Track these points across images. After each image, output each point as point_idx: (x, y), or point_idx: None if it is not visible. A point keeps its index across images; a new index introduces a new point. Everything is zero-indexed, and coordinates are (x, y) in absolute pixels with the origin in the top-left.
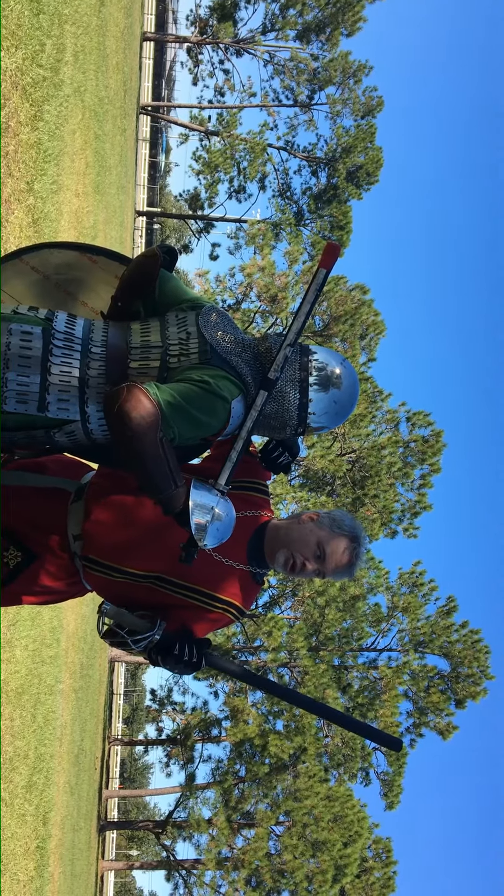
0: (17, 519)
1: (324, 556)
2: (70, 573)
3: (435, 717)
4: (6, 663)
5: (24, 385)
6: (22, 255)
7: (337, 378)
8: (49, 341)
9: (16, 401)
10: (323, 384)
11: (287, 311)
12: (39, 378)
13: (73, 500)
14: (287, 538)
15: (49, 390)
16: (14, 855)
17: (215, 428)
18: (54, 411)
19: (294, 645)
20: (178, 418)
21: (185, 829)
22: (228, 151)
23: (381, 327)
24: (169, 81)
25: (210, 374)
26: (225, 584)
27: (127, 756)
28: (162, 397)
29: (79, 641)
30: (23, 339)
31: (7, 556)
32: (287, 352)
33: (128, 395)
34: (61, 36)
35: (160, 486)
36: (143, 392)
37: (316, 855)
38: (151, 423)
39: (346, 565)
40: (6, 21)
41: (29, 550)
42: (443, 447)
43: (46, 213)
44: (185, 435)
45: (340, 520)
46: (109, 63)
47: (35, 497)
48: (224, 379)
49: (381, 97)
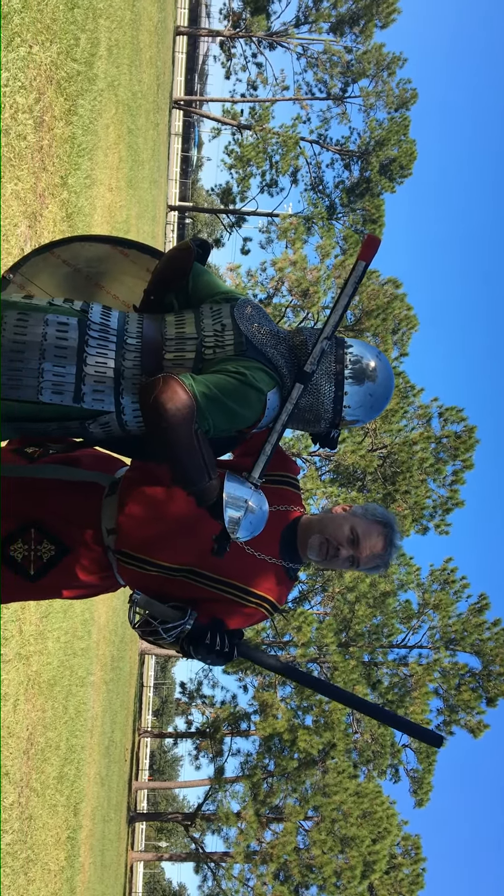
0: (51, 512)
1: (357, 542)
2: (103, 567)
3: (466, 715)
4: (38, 655)
5: (60, 376)
6: (53, 248)
7: (372, 371)
8: (85, 332)
9: (52, 391)
10: (358, 377)
11: (318, 305)
12: (75, 369)
13: (106, 493)
14: (321, 526)
15: (84, 381)
16: (45, 845)
17: (251, 420)
18: (89, 402)
19: (324, 640)
20: (214, 410)
21: (214, 822)
22: (261, 145)
23: (414, 322)
24: (202, 75)
25: (246, 365)
26: (258, 578)
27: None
28: (198, 389)
29: (110, 634)
30: (59, 330)
31: (41, 549)
32: (324, 345)
33: (164, 386)
34: (95, 30)
35: (194, 479)
36: (179, 383)
37: (344, 851)
38: (187, 414)
39: (380, 552)
40: (41, 16)
41: (62, 544)
42: (475, 443)
43: (80, 207)
44: (220, 427)
45: (373, 509)
46: (143, 57)
47: (69, 491)
48: (260, 370)
49: (415, 89)
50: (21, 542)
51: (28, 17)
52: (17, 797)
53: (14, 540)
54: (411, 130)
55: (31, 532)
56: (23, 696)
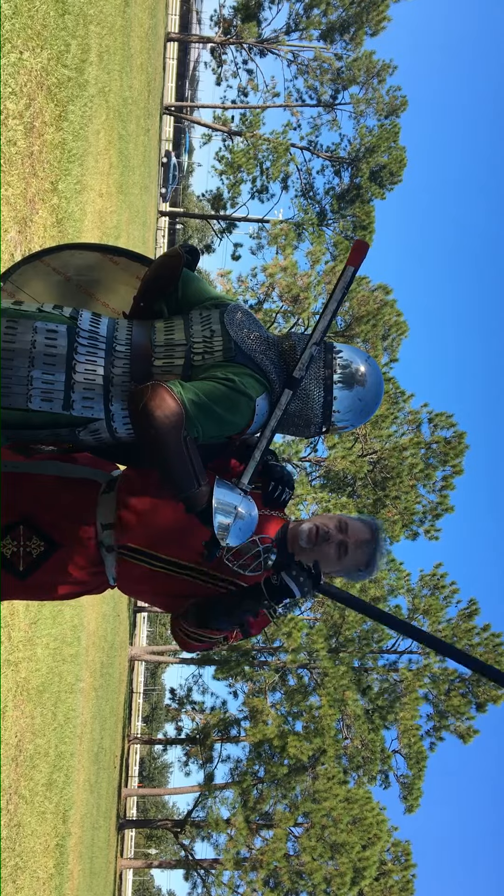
0: (44, 508)
1: (345, 530)
2: (94, 563)
3: (455, 720)
4: (27, 661)
5: (49, 383)
6: (42, 256)
7: (361, 376)
8: (74, 339)
9: (41, 399)
10: (347, 382)
11: (309, 311)
12: (64, 376)
13: (103, 490)
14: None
15: (74, 388)
16: (34, 852)
17: (240, 426)
18: (79, 409)
19: (314, 646)
20: (203, 417)
21: (204, 829)
22: (251, 151)
23: (404, 328)
24: (192, 82)
25: (235, 371)
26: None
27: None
28: (186, 396)
29: (99, 640)
30: (48, 338)
31: (30, 545)
32: (313, 350)
33: (152, 393)
34: (86, 36)
35: (183, 485)
36: (168, 391)
37: (334, 857)
38: (175, 421)
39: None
40: (32, 21)
41: (52, 540)
42: (465, 449)
43: (70, 212)
44: (210, 434)
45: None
46: (134, 63)
47: (64, 486)
48: (249, 376)
49: (405, 97)
50: (10, 539)
51: (18, 23)
52: (5, 804)
53: (3, 536)
54: (401, 137)
55: (20, 529)
56: (11, 702)
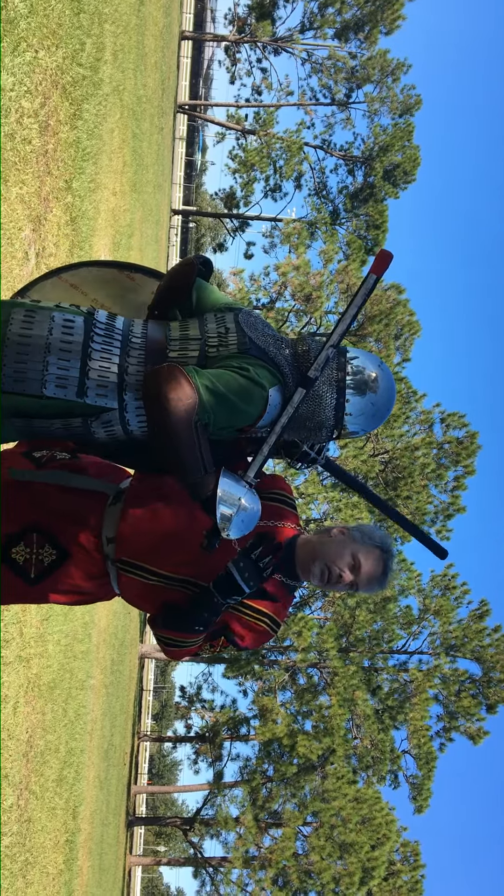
0: (54, 517)
1: (358, 568)
2: (101, 574)
3: (465, 721)
4: (39, 657)
5: (64, 370)
6: (61, 273)
7: (374, 381)
8: (90, 330)
9: (55, 385)
10: (360, 387)
11: (321, 310)
12: (79, 364)
13: (110, 502)
14: (321, 550)
15: (89, 376)
16: (44, 848)
17: (252, 416)
18: (93, 398)
19: (324, 645)
20: (216, 404)
21: (213, 827)
22: (265, 150)
23: (417, 327)
24: (206, 80)
25: (249, 362)
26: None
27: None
28: (201, 382)
29: (110, 637)
30: (65, 328)
31: (42, 552)
32: (329, 352)
33: (168, 375)
34: (101, 35)
35: (189, 470)
36: (185, 375)
37: (343, 856)
38: (188, 405)
39: (380, 576)
40: (47, 20)
41: (64, 549)
42: (477, 449)
43: (84, 211)
44: (221, 422)
45: (370, 533)
46: (148, 62)
47: (73, 497)
48: (262, 368)
49: (419, 95)
50: (23, 545)
51: (34, 22)
52: (16, 800)
53: (16, 542)
54: (415, 136)
55: (34, 536)
56: (23, 698)
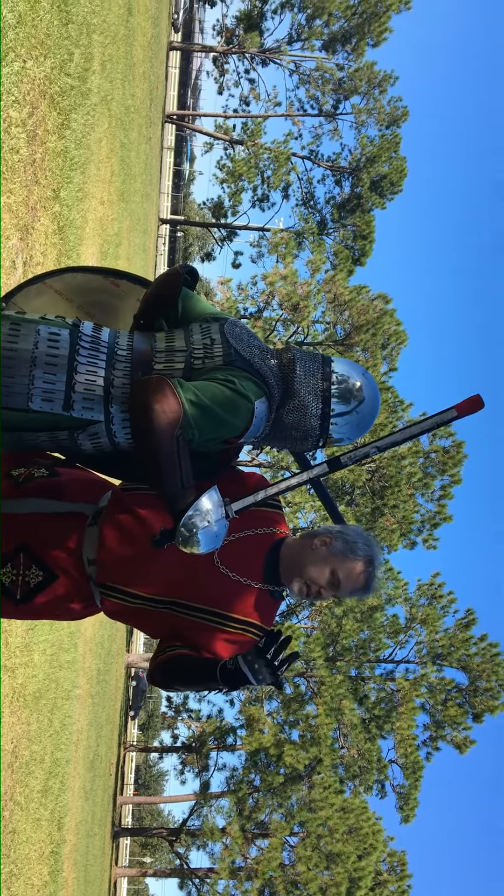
0: (37, 539)
1: (337, 584)
2: (86, 596)
3: (452, 730)
4: (24, 667)
5: (51, 383)
6: (45, 278)
7: (359, 390)
8: (76, 343)
9: (42, 398)
10: (345, 396)
11: (308, 319)
12: (65, 378)
13: (89, 523)
14: (302, 567)
15: (75, 389)
16: (29, 859)
17: (238, 428)
18: (79, 410)
19: (311, 655)
20: (201, 417)
21: (199, 838)
22: (252, 160)
23: (403, 337)
24: (194, 90)
25: (234, 374)
26: (241, 603)
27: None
28: (185, 396)
29: (96, 647)
30: (50, 341)
31: (28, 574)
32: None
33: (156, 386)
34: (89, 45)
35: (167, 483)
36: (172, 388)
37: (330, 867)
38: (172, 419)
39: (362, 588)
40: (35, 31)
41: (50, 570)
42: (464, 458)
43: (72, 220)
44: (207, 435)
45: (353, 542)
46: (136, 72)
47: (52, 521)
48: (248, 380)
49: (406, 107)
50: (10, 567)
51: (22, 33)
52: (0, 810)
53: (3, 564)
54: (402, 147)
55: (21, 557)
56: (7, 708)
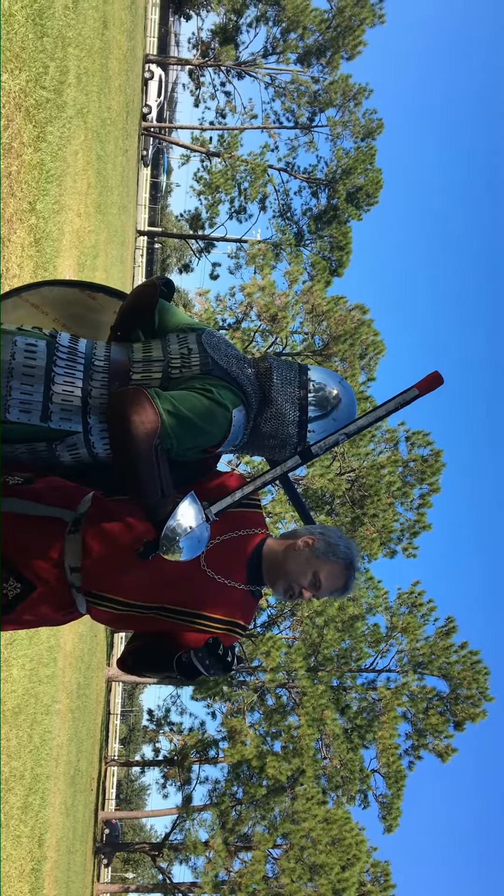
0: (14, 548)
1: (319, 585)
2: (67, 604)
3: (434, 739)
4: (3, 682)
5: (28, 394)
6: (21, 292)
7: (335, 398)
8: (53, 354)
9: (19, 410)
10: (321, 404)
11: (287, 330)
12: (43, 389)
13: (69, 530)
14: (285, 568)
15: (52, 399)
16: (9, 877)
17: (216, 437)
18: (57, 421)
19: (292, 665)
20: (179, 427)
21: (182, 852)
22: (229, 172)
23: (381, 347)
24: (171, 103)
25: (212, 383)
26: (225, 605)
27: (123, 777)
28: (162, 406)
29: (76, 661)
30: (27, 352)
31: (6, 586)
32: (341, 438)
33: (133, 397)
34: (65, 58)
35: (147, 493)
36: (148, 398)
37: (314, 878)
38: (150, 429)
39: (340, 589)
40: (10, 44)
41: (28, 581)
42: (442, 467)
43: (48, 232)
44: (185, 444)
45: (335, 545)
46: (112, 85)
47: (30, 526)
48: (225, 388)
49: (381, 119)
50: None
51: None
52: None
53: None
54: (377, 159)
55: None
56: None
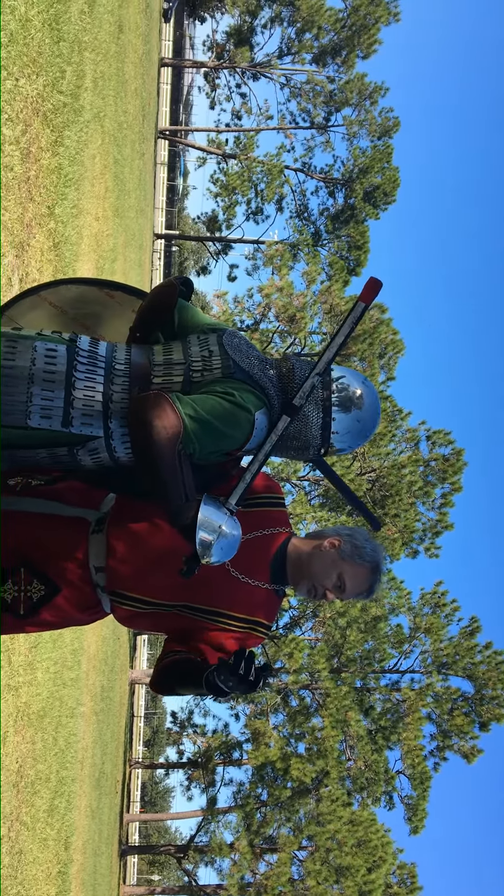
0: (38, 549)
1: (343, 587)
2: (91, 605)
3: (459, 740)
4: (28, 686)
5: (49, 400)
6: (40, 290)
7: (359, 398)
8: (73, 359)
9: (40, 416)
10: (345, 405)
11: (305, 330)
12: (64, 394)
13: (93, 530)
14: (310, 569)
15: (73, 404)
16: (36, 880)
17: (239, 440)
18: (78, 427)
19: (315, 666)
20: (201, 431)
21: (207, 854)
22: (246, 174)
23: (400, 346)
24: (186, 106)
25: (234, 386)
26: (250, 603)
27: (148, 779)
28: (185, 410)
29: (100, 664)
30: (47, 357)
31: (30, 589)
32: (315, 381)
33: (154, 402)
34: (81, 63)
35: (171, 497)
36: (170, 403)
37: (340, 881)
38: (173, 434)
39: (365, 592)
40: (27, 49)
41: (52, 582)
42: (464, 466)
43: (67, 236)
44: (208, 448)
45: (362, 547)
46: (128, 88)
47: (54, 526)
48: (247, 392)
49: (397, 118)
50: (11, 583)
51: (14, 51)
52: (6, 831)
53: (3, 580)
54: (394, 158)
55: (21, 572)
56: (12, 727)
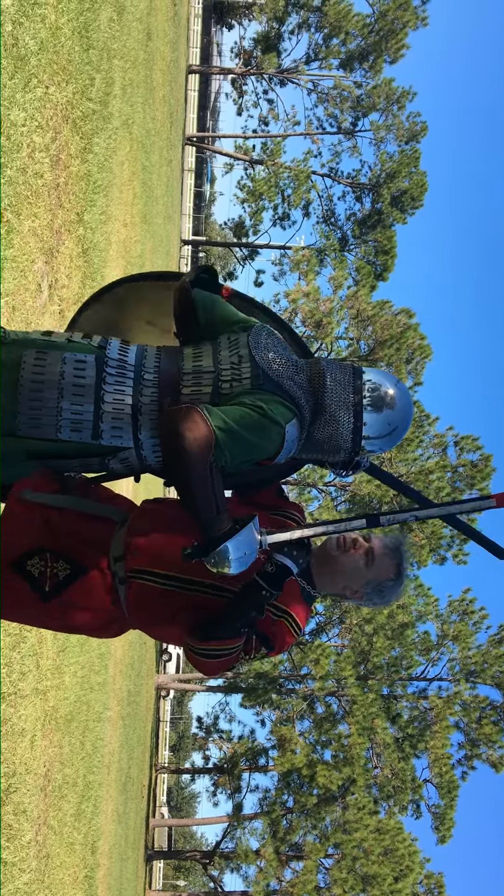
0: (65, 535)
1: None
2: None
3: (487, 749)
4: (55, 689)
5: (78, 413)
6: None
7: (391, 399)
8: (102, 369)
9: (70, 429)
10: (377, 405)
11: (332, 335)
12: (93, 406)
13: (117, 528)
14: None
15: (103, 418)
16: (63, 884)
17: (270, 452)
18: (108, 439)
19: (342, 673)
20: (231, 444)
21: (233, 860)
22: (273, 179)
23: (428, 351)
24: (213, 112)
25: (263, 399)
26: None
27: (174, 784)
28: (214, 422)
29: (126, 668)
30: (77, 368)
31: (56, 566)
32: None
33: (185, 414)
34: (110, 70)
35: (201, 509)
36: (202, 415)
37: (366, 889)
38: (204, 446)
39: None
40: (57, 56)
41: (77, 563)
42: (492, 472)
43: (96, 242)
44: (238, 459)
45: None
46: (156, 95)
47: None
48: (278, 403)
49: (424, 122)
50: (38, 559)
51: (44, 59)
52: (34, 835)
53: (31, 556)
54: (422, 162)
55: (47, 554)
56: (40, 731)
